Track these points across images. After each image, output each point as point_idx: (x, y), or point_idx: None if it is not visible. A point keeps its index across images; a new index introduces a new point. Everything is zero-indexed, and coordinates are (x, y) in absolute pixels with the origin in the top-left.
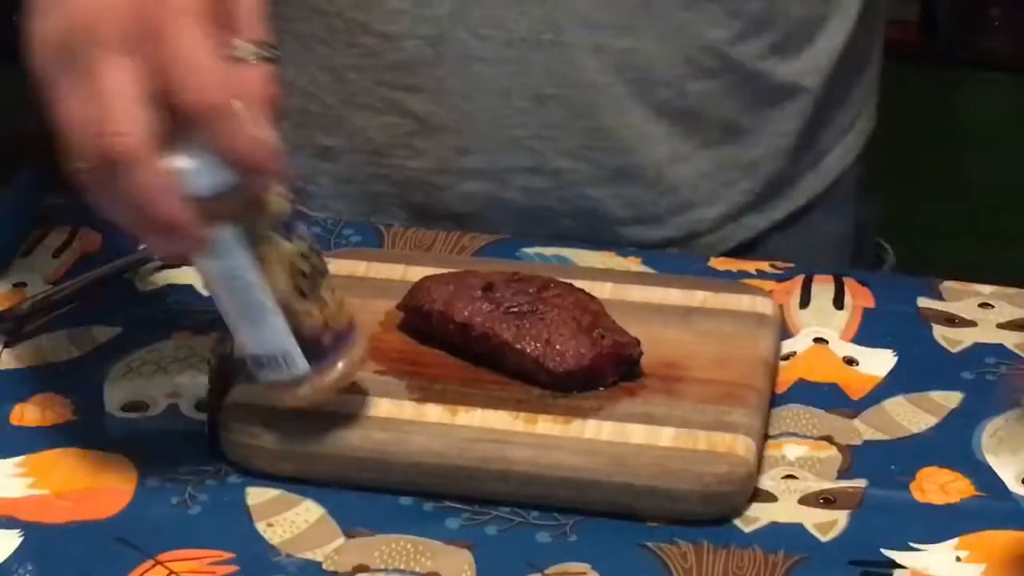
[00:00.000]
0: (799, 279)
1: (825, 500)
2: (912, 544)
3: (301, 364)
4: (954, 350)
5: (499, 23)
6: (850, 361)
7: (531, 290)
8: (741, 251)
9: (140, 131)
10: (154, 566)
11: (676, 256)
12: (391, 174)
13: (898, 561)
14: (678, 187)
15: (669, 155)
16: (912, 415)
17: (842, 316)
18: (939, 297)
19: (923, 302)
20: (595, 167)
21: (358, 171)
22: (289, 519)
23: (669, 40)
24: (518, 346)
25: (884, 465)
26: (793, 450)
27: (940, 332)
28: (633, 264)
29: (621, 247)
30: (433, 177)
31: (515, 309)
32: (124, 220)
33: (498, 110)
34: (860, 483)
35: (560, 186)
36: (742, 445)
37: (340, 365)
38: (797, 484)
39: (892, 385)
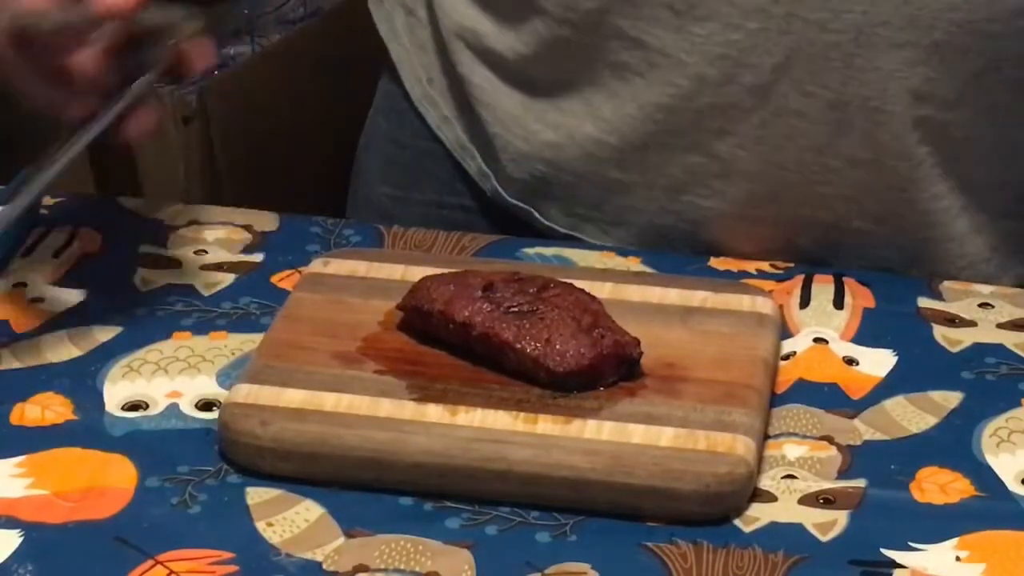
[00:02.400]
0: (799, 279)
1: (825, 500)
2: (912, 544)
3: None
4: (954, 350)
5: (826, 83)
6: (850, 361)
7: (531, 290)
8: None
9: None
10: (154, 566)
11: (676, 256)
12: (683, 211)
13: (898, 561)
14: (974, 261)
15: (968, 227)
16: (912, 415)
17: (842, 316)
18: (939, 297)
19: (923, 302)
20: (896, 232)
21: (648, 205)
22: (289, 519)
23: (991, 118)
24: (518, 346)
25: (884, 465)
26: (793, 450)
27: (940, 332)
28: (633, 264)
29: None
30: (725, 219)
31: (515, 309)
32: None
33: (808, 165)
34: (860, 483)
35: (856, 245)
36: (742, 445)
37: None
38: (797, 484)
39: (892, 385)
